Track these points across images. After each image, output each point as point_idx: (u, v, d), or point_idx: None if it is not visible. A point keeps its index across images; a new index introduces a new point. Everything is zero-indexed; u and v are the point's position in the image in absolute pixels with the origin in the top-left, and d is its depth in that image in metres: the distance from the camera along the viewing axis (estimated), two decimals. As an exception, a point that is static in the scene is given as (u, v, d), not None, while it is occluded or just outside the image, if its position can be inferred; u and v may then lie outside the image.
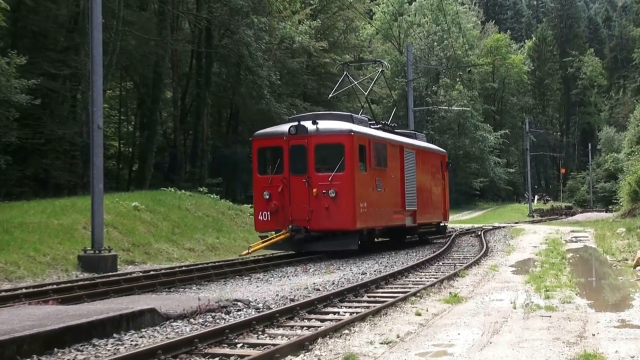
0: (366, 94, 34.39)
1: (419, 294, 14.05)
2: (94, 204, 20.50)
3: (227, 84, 58.97)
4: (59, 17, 39.69)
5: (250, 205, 34.46)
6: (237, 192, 57.08)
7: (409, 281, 16.91)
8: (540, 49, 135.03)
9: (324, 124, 23.64)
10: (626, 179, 48.24)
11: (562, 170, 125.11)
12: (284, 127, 24.04)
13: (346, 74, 31.96)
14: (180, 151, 50.83)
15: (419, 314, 11.86)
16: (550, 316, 11.55)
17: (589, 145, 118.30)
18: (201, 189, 36.91)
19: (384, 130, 27.88)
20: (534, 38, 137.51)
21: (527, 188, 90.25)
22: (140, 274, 18.11)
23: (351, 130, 23.42)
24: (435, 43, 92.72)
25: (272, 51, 55.88)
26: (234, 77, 56.94)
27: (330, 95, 35.14)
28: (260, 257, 23.44)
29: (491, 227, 44.72)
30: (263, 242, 22.97)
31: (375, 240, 27.07)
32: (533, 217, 79.24)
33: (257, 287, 16.19)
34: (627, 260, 21.08)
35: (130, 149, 55.71)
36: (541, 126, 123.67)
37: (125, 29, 41.40)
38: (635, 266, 18.90)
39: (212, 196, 35.66)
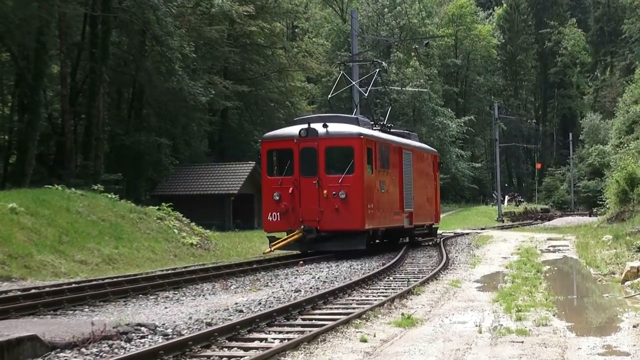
0: (365, 95, 39.85)
1: (364, 316, 14.12)
2: (-41, 206, 20.10)
3: (128, 56, 58.37)
4: None
5: (157, 208, 35.10)
6: (141, 190, 56.61)
7: (353, 300, 17.00)
8: (512, 18, 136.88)
9: (334, 127, 28.96)
10: (613, 176, 49.06)
11: (538, 166, 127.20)
12: (294, 130, 29.34)
13: (343, 74, 38.59)
14: (70, 139, 50.12)
15: (364, 340, 11.91)
16: (522, 342, 11.72)
17: (570, 135, 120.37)
18: (96, 187, 36.50)
19: (383, 132, 33.37)
20: (504, 5, 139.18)
21: (496, 187, 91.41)
22: (19, 292, 17.81)
23: (360, 134, 28.93)
24: (385, 9, 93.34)
25: (185, 16, 55.54)
26: (137, 49, 56.40)
27: (329, 96, 40.57)
28: (169, 272, 23.29)
29: (452, 234, 45.20)
30: (281, 241, 28.01)
31: (376, 241, 32.06)
32: (503, 221, 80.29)
33: (166, 308, 16.09)
34: (614, 274, 21.50)
35: (6, 137, 54.73)
36: (513, 112, 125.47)
37: (0, -14, 40.68)
38: (623, 281, 19.28)
39: (109, 196, 35.29)
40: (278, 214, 28.67)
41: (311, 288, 18.92)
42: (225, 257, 30.69)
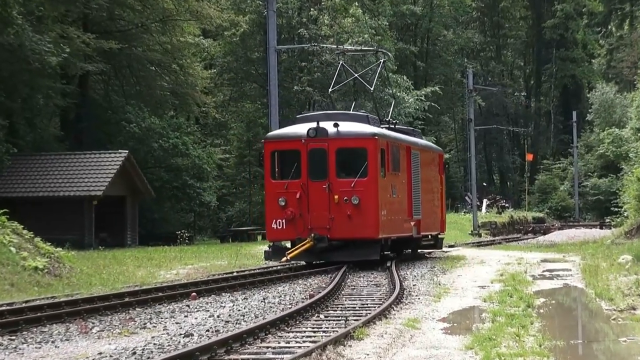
0: (372, 89, 47.99)
1: (284, 371, 14.14)
2: None
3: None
4: None
5: (5, 218, 34.76)
6: (-37, 191, 55.95)
7: (268, 348, 17.01)
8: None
9: (345, 126, 34.89)
10: (634, 172, 49.80)
11: (529, 157, 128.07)
12: (301, 129, 35.28)
13: (342, 64, 46.30)
14: None
15: (284, 406, 11.93)
16: (506, 406, 11.84)
17: (574, 114, 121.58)
18: None
19: (390, 130, 39.33)
20: None
21: (470, 187, 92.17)
22: None
23: (375, 134, 35.29)
24: None
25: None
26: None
27: (329, 91, 46.57)
28: (4, 309, 23.06)
29: (409, 253, 45.43)
30: (295, 250, 33.53)
31: (385, 252, 37.48)
32: (480, 235, 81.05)
33: (-2, 362, 15.95)
34: (634, 309, 21.78)
35: None
36: (494, 81, 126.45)
37: None
38: (647, 319, 19.53)
39: None
40: (283, 221, 34.51)
41: (208, 331, 18.89)
42: (85, 287, 30.49)
